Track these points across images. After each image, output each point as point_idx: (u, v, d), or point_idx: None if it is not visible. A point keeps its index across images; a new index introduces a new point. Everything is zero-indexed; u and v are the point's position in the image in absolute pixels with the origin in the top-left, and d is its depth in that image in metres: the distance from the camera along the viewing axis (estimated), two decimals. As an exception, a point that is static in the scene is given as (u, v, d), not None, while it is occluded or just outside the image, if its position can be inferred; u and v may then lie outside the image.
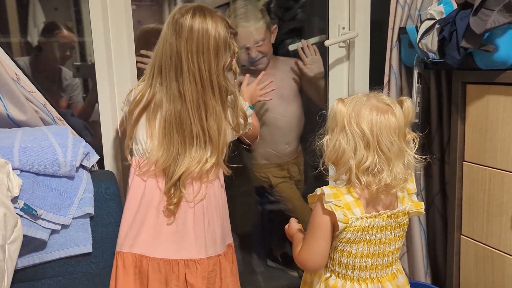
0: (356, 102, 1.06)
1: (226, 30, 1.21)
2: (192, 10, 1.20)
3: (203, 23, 1.18)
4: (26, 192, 1.09)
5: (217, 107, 1.22)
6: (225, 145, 1.27)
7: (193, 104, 1.20)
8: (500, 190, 1.30)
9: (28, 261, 1.13)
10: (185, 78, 1.19)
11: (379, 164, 1.02)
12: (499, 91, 1.27)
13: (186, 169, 1.21)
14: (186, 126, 1.21)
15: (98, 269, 1.22)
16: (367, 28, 1.67)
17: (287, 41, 1.99)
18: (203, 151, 1.23)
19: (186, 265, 1.23)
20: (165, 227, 1.23)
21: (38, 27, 1.94)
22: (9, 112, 1.17)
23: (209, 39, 1.18)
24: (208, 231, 1.26)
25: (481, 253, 1.38)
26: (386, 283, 1.10)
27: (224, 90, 1.23)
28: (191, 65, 1.18)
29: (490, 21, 1.18)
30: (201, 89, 1.20)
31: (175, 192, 1.21)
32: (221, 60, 1.21)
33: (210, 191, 1.26)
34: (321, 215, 1.05)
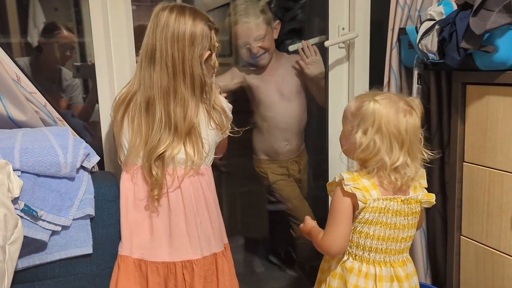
0: (390, 103, 1.12)
1: (205, 24, 1.23)
2: (171, 6, 1.22)
3: (179, 17, 1.20)
4: (27, 193, 1.09)
5: (187, 95, 1.21)
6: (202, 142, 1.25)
7: (161, 90, 1.20)
8: (500, 190, 1.30)
9: (28, 262, 1.13)
10: (157, 65, 1.20)
11: (407, 162, 1.13)
12: (499, 92, 1.27)
13: (157, 152, 1.20)
14: (152, 113, 1.21)
15: (99, 270, 1.22)
16: (367, 28, 1.68)
17: (287, 42, 1.99)
18: (170, 136, 1.21)
19: (183, 266, 1.24)
20: (159, 230, 1.23)
21: (38, 27, 1.94)
22: (10, 113, 1.17)
23: (185, 29, 1.20)
24: (201, 231, 1.26)
25: (481, 253, 1.38)
26: (398, 268, 1.17)
27: (198, 80, 1.22)
28: (164, 52, 1.19)
29: (490, 22, 1.19)
30: (172, 76, 1.20)
31: (153, 179, 1.21)
32: (197, 50, 1.21)
33: (200, 191, 1.26)
34: (342, 198, 1.14)
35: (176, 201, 1.24)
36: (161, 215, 1.23)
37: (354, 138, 1.14)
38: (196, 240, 1.25)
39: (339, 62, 1.73)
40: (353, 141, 1.14)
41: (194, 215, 1.25)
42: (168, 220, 1.23)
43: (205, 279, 1.26)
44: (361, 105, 1.14)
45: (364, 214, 1.13)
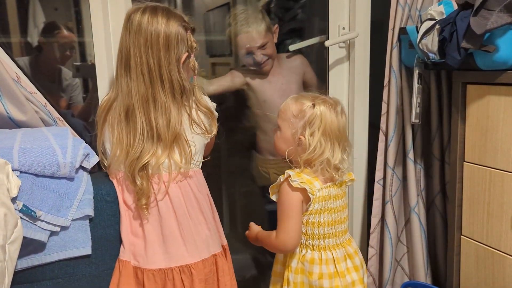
0: (329, 105, 1.23)
1: (180, 25, 1.19)
2: (143, 8, 1.19)
3: (152, 19, 1.16)
4: (25, 193, 1.09)
5: (168, 102, 1.18)
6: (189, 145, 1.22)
7: (140, 98, 1.17)
8: (500, 190, 1.30)
9: (27, 262, 1.12)
10: (133, 72, 1.17)
11: (344, 157, 1.25)
12: (500, 92, 1.27)
13: (140, 163, 1.18)
14: (133, 122, 1.18)
15: (98, 271, 1.21)
16: (367, 28, 1.67)
17: (287, 42, 1.99)
18: (154, 146, 1.19)
19: (181, 271, 1.22)
20: (152, 237, 1.22)
21: (38, 27, 1.94)
22: (9, 113, 1.16)
23: (159, 33, 1.16)
24: (197, 234, 1.24)
25: (482, 253, 1.38)
26: (347, 247, 1.29)
27: (177, 85, 1.19)
28: (138, 59, 1.16)
29: (491, 21, 1.18)
30: (149, 83, 1.17)
31: (137, 188, 1.19)
32: (173, 53, 1.17)
33: (190, 195, 1.24)
34: (291, 194, 1.21)
35: (165, 207, 1.22)
36: (152, 222, 1.22)
37: (300, 140, 1.22)
38: (192, 243, 1.23)
39: (340, 62, 1.72)
40: (298, 142, 1.23)
41: (187, 219, 1.23)
42: (159, 226, 1.22)
43: (206, 282, 1.24)
44: (302, 107, 1.22)
45: (313, 205, 1.21)
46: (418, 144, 1.62)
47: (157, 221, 1.22)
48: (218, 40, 2.27)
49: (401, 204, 1.67)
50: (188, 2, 2.39)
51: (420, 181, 1.64)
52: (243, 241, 2.14)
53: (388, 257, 1.65)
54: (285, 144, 1.27)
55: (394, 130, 1.59)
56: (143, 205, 1.20)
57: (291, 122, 1.25)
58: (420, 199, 1.64)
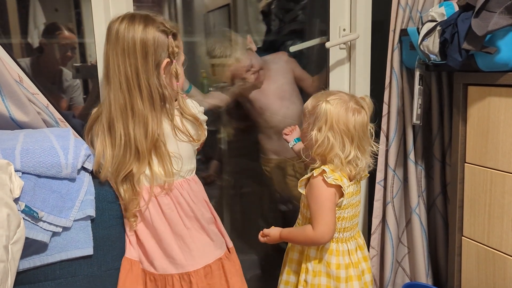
0: (341, 103, 1.25)
1: (158, 30, 1.15)
2: (122, 16, 1.17)
3: (129, 26, 1.14)
4: (28, 194, 1.09)
5: (146, 111, 1.15)
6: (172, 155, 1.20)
7: (119, 109, 1.15)
8: (501, 191, 1.30)
9: (29, 263, 1.12)
10: (112, 83, 1.15)
11: (358, 155, 1.26)
12: (501, 93, 1.27)
13: (121, 175, 1.18)
14: (114, 133, 1.17)
15: (100, 271, 1.21)
16: (368, 29, 1.67)
17: (288, 43, 2.00)
18: (132, 157, 1.17)
19: (181, 278, 1.22)
20: (151, 245, 1.23)
21: (38, 28, 1.94)
22: (12, 114, 1.16)
23: (135, 40, 1.13)
24: (195, 242, 1.23)
25: (483, 254, 1.38)
26: (358, 239, 1.36)
27: (156, 93, 1.16)
28: (116, 69, 1.14)
29: (492, 23, 1.19)
30: (127, 93, 1.14)
31: (121, 200, 1.20)
32: (151, 62, 1.14)
33: (184, 204, 1.23)
34: (327, 189, 1.24)
35: (158, 218, 1.22)
36: (148, 232, 1.23)
37: (310, 135, 1.26)
38: (189, 252, 1.22)
39: (340, 63, 1.72)
40: (309, 137, 1.26)
41: (182, 228, 1.22)
42: (155, 237, 1.22)
43: (213, 287, 1.25)
44: (316, 104, 1.26)
45: (343, 200, 1.26)
46: (419, 145, 1.62)
47: (152, 232, 1.23)
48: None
49: (402, 205, 1.67)
50: (188, 3, 2.39)
51: (421, 182, 1.64)
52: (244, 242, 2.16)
53: (389, 258, 1.65)
54: (304, 139, 1.32)
55: (395, 131, 1.59)
56: (130, 217, 1.21)
57: (306, 117, 1.30)
58: (421, 200, 1.64)
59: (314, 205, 1.26)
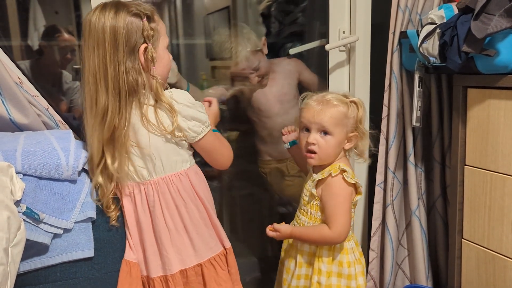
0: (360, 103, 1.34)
1: (130, 15, 1.10)
2: (95, 7, 1.12)
3: (100, 15, 1.09)
4: (29, 196, 1.09)
5: (108, 103, 1.09)
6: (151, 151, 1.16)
7: (87, 106, 1.12)
8: (501, 193, 1.30)
9: (30, 265, 1.12)
10: (84, 79, 1.12)
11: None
12: (500, 96, 1.28)
13: (90, 169, 1.18)
14: (87, 132, 1.15)
15: (100, 273, 1.21)
16: (368, 32, 1.68)
17: (288, 45, 2.00)
18: (93, 151, 1.15)
19: (162, 280, 1.21)
20: (136, 244, 1.22)
21: (38, 30, 1.94)
22: (12, 116, 1.16)
23: (105, 30, 1.07)
24: (174, 243, 1.20)
25: (483, 257, 1.38)
26: (354, 236, 1.39)
27: (123, 82, 1.09)
28: (86, 65, 1.10)
29: (491, 25, 1.19)
30: (94, 88, 1.10)
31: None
32: (122, 49, 1.08)
33: (170, 202, 1.19)
34: (347, 188, 1.27)
35: (143, 215, 1.20)
36: (134, 231, 1.22)
37: (355, 136, 1.31)
38: (165, 254, 1.20)
39: (340, 66, 1.73)
40: (350, 139, 1.31)
41: (164, 228, 1.19)
42: (139, 236, 1.22)
43: None
44: (347, 108, 1.29)
45: (357, 198, 1.30)
46: (418, 148, 1.63)
47: (136, 230, 1.22)
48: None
49: (402, 208, 1.68)
50: (188, 6, 2.39)
51: (421, 185, 1.65)
52: (244, 244, 2.16)
53: (389, 261, 1.65)
54: (338, 147, 1.30)
55: (394, 134, 1.59)
56: (107, 213, 1.20)
57: (344, 124, 1.29)
58: (421, 202, 1.64)
59: (332, 205, 1.26)
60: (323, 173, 1.29)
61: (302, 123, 1.32)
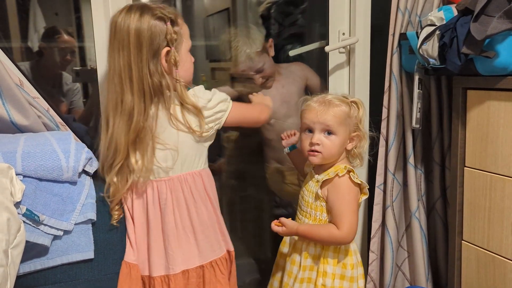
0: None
1: (154, 18, 1.13)
2: (121, 9, 1.16)
3: (125, 17, 1.12)
4: (29, 198, 1.09)
5: (134, 103, 1.13)
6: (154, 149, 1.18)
7: (110, 105, 1.15)
8: (501, 195, 1.30)
9: (29, 267, 1.12)
10: (109, 78, 1.15)
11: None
12: (500, 97, 1.28)
13: (106, 166, 1.19)
14: (107, 128, 1.17)
15: (100, 275, 1.21)
16: (368, 34, 1.68)
17: (288, 47, 2.00)
18: (114, 150, 1.17)
19: (162, 281, 1.21)
20: (141, 243, 1.22)
21: (38, 32, 1.94)
22: (12, 118, 1.16)
23: (129, 31, 1.11)
24: (181, 244, 1.21)
25: (483, 258, 1.38)
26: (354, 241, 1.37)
27: (148, 84, 1.13)
28: (111, 66, 1.14)
29: (491, 27, 1.19)
30: (119, 88, 1.13)
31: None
32: (146, 52, 1.12)
33: (181, 197, 1.21)
34: (354, 189, 1.28)
35: (153, 212, 1.21)
36: (141, 229, 1.23)
37: (357, 136, 1.31)
38: (171, 254, 1.20)
39: (340, 67, 1.73)
40: (352, 139, 1.31)
41: (173, 228, 1.20)
42: (146, 234, 1.22)
43: None
44: (349, 108, 1.30)
45: (363, 198, 1.31)
46: (418, 149, 1.63)
47: (144, 228, 1.22)
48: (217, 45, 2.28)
49: (401, 209, 1.68)
50: (188, 7, 2.40)
51: (420, 186, 1.65)
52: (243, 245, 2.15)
53: (389, 262, 1.65)
54: (342, 146, 1.30)
55: (394, 135, 1.59)
56: (113, 209, 1.21)
57: (347, 123, 1.29)
58: (421, 204, 1.64)
59: (340, 205, 1.25)
60: (328, 174, 1.28)
61: (304, 124, 1.31)
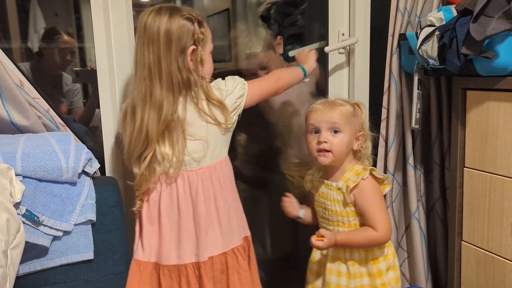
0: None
1: (183, 18, 1.18)
2: (150, 9, 1.20)
3: (155, 17, 1.18)
4: (28, 198, 1.09)
5: (163, 96, 1.18)
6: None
7: (140, 96, 1.19)
8: (500, 195, 1.30)
9: (29, 267, 1.12)
10: (137, 72, 1.19)
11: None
12: (499, 97, 1.28)
13: (135, 155, 1.22)
14: (134, 119, 1.21)
15: (100, 276, 1.21)
16: (367, 34, 1.68)
17: (287, 47, 2.00)
18: (146, 140, 1.20)
19: (194, 267, 1.24)
20: (168, 234, 1.24)
21: (38, 32, 1.94)
22: (12, 118, 1.17)
23: (159, 30, 1.16)
24: (209, 231, 1.24)
25: (482, 258, 1.38)
26: None
27: (176, 78, 1.18)
28: (141, 59, 1.18)
29: (490, 28, 1.19)
30: (149, 81, 1.18)
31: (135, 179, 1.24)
32: (174, 48, 1.17)
33: (210, 190, 1.24)
34: (378, 186, 1.33)
35: (184, 201, 1.23)
36: (170, 219, 1.24)
37: (362, 136, 1.34)
38: (202, 241, 1.23)
39: (339, 68, 1.73)
40: (358, 138, 1.34)
41: (203, 216, 1.24)
42: (174, 222, 1.24)
43: (214, 280, 1.25)
44: (354, 108, 1.34)
45: (386, 190, 1.36)
46: (418, 150, 1.63)
47: (172, 218, 1.24)
48: (218, 46, 2.27)
49: (401, 210, 1.68)
50: (188, 5, 2.39)
51: (420, 187, 1.65)
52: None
53: (389, 262, 1.65)
54: (349, 145, 1.32)
55: (394, 136, 1.59)
56: (137, 199, 1.23)
57: (352, 122, 1.32)
58: (420, 204, 1.64)
59: (370, 207, 1.28)
60: (348, 180, 1.30)
61: (310, 125, 1.33)
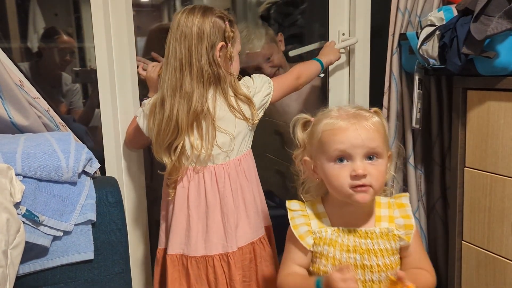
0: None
1: (215, 16, 1.24)
2: (184, 8, 1.26)
3: (189, 15, 1.23)
4: (28, 198, 1.09)
5: (192, 88, 1.22)
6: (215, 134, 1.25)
7: (170, 88, 1.23)
8: (501, 195, 1.30)
9: (29, 267, 1.12)
10: (168, 64, 1.23)
11: None
12: (500, 97, 1.28)
13: (164, 144, 1.24)
14: (163, 109, 1.24)
15: (100, 276, 1.21)
16: (367, 34, 1.68)
17: (287, 47, 2.00)
18: (176, 130, 1.23)
19: (221, 259, 1.26)
20: (196, 226, 1.27)
21: (38, 33, 1.95)
22: (12, 118, 1.17)
23: (192, 26, 1.22)
24: (238, 222, 1.28)
25: (483, 259, 1.38)
26: None
27: (207, 72, 1.22)
28: (173, 53, 1.23)
29: (491, 27, 1.19)
30: (180, 73, 1.22)
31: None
32: (205, 43, 1.22)
33: (237, 183, 1.28)
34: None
35: (211, 193, 1.26)
36: (198, 211, 1.27)
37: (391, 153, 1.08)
38: (231, 232, 1.26)
39: (340, 68, 1.73)
40: (390, 157, 1.07)
41: (231, 207, 1.27)
42: (202, 214, 1.27)
43: (243, 269, 1.28)
44: (382, 118, 1.06)
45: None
46: (418, 150, 1.63)
47: (203, 211, 1.27)
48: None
49: (401, 209, 1.67)
50: (189, 3, 2.40)
51: (420, 187, 1.65)
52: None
53: (389, 263, 1.65)
54: (387, 173, 1.05)
55: (394, 136, 1.59)
56: (170, 188, 1.27)
57: (387, 140, 1.06)
58: (421, 204, 1.64)
59: (417, 246, 1.08)
60: (390, 219, 1.07)
61: (335, 151, 0.99)
